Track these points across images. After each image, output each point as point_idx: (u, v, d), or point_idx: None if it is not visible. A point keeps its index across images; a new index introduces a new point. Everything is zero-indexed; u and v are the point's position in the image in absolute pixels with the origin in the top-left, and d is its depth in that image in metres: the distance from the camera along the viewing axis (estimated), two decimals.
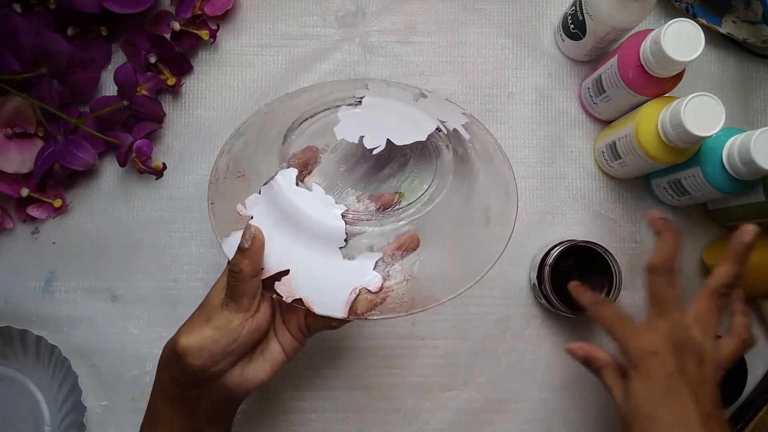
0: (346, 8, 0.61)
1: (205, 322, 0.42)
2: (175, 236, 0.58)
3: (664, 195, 0.58)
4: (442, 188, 0.46)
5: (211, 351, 0.41)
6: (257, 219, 0.44)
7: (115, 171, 0.58)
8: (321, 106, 0.49)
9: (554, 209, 0.59)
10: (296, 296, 0.43)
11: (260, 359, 0.44)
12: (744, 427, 0.56)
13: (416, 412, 0.57)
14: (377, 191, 0.47)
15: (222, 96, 0.60)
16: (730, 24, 0.60)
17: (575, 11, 0.55)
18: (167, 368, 0.43)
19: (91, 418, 0.55)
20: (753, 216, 0.54)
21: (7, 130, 0.55)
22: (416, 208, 0.45)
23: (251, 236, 0.41)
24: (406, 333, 0.58)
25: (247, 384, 0.43)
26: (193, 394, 0.43)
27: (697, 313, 0.44)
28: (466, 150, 0.48)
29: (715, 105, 0.47)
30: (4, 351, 0.56)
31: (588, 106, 0.59)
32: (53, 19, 0.56)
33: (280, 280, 0.43)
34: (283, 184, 0.44)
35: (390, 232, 0.44)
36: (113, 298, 0.57)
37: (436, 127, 0.47)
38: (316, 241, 0.43)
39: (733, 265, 0.45)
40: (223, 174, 0.48)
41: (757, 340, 0.46)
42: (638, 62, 0.50)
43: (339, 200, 0.45)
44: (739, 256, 0.45)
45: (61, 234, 0.58)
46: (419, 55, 0.61)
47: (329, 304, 0.43)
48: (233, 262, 0.41)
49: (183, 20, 0.57)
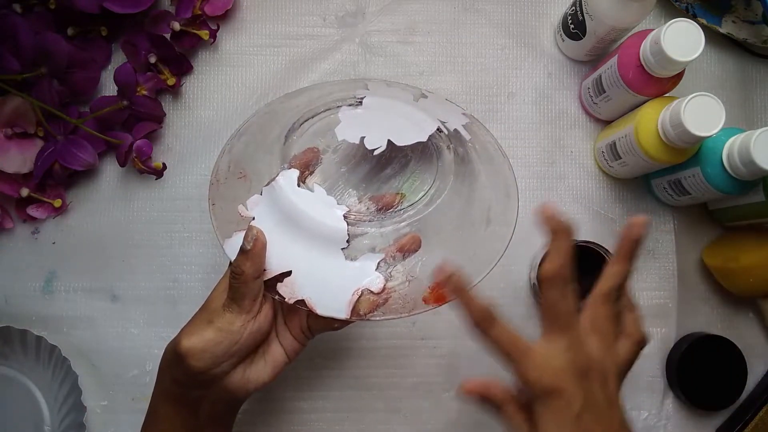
0: (346, 8, 0.61)
1: (207, 324, 0.41)
2: (175, 236, 0.58)
3: (664, 195, 0.58)
4: (443, 189, 0.46)
5: (212, 353, 0.41)
6: (259, 220, 0.44)
7: (115, 171, 0.58)
8: (321, 107, 0.49)
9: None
10: (298, 297, 0.43)
11: (262, 361, 0.44)
12: (744, 427, 0.56)
13: (416, 412, 0.57)
14: (378, 192, 0.47)
15: (222, 96, 0.60)
16: (730, 24, 0.60)
17: (575, 11, 0.55)
18: (169, 369, 0.43)
19: (91, 418, 0.55)
20: (753, 216, 0.54)
21: (7, 130, 0.55)
22: (417, 209, 0.45)
23: (253, 238, 0.41)
24: (406, 333, 0.58)
25: (249, 385, 0.43)
26: (194, 395, 0.43)
27: (592, 322, 0.40)
28: (466, 150, 0.48)
29: (715, 105, 0.47)
30: (4, 351, 0.56)
31: (588, 106, 0.59)
32: (53, 19, 0.56)
33: (282, 282, 0.43)
34: (284, 186, 0.44)
35: (391, 233, 0.44)
36: (113, 298, 0.57)
37: (437, 128, 0.47)
38: (318, 242, 0.43)
39: (624, 264, 0.40)
40: (224, 175, 0.48)
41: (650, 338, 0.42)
42: (638, 62, 0.50)
43: (340, 201, 0.45)
44: (630, 254, 0.40)
45: (61, 234, 0.58)
46: (419, 55, 0.61)
47: (332, 305, 0.43)
48: (235, 264, 0.41)
49: (183, 20, 0.57)
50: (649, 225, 0.40)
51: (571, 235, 0.39)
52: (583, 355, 0.38)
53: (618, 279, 0.40)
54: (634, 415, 0.58)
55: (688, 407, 0.58)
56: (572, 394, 0.37)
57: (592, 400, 0.37)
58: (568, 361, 0.38)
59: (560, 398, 0.37)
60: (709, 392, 0.56)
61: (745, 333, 0.59)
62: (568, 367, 0.37)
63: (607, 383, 0.38)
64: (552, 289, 0.39)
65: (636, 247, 0.40)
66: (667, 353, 0.58)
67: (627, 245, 0.40)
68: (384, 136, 0.46)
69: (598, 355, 0.39)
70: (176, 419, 0.44)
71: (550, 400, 0.37)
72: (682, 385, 0.56)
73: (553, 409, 0.37)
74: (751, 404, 0.56)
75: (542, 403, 0.37)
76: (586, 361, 0.38)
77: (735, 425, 0.56)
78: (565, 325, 0.38)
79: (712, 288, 0.60)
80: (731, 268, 0.56)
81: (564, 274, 0.39)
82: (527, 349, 0.38)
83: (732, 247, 0.57)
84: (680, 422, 0.58)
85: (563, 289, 0.39)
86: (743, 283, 0.56)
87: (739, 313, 0.59)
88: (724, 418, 0.58)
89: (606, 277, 0.40)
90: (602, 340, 0.39)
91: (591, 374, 0.38)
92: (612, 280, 0.40)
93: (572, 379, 0.37)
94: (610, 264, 0.41)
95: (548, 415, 0.37)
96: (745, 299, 0.59)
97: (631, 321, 0.42)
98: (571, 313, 0.39)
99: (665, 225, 0.59)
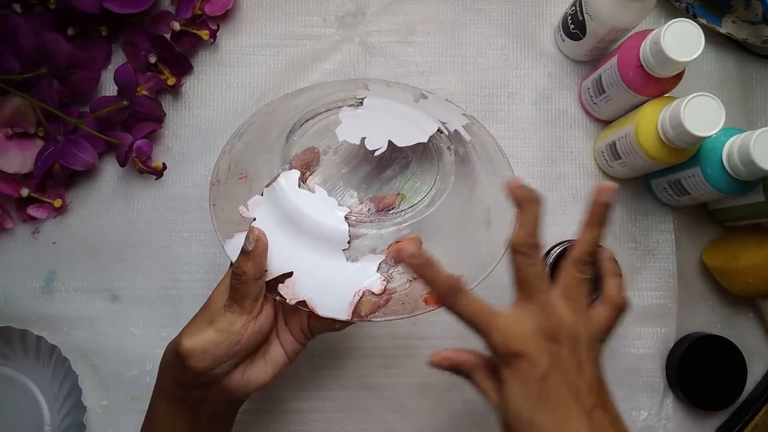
0: (346, 8, 0.61)
1: (208, 324, 0.41)
2: (175, 236, 0.58)
3: (664, 195, 0.58)
4: (443, 190, 0.46)
5: (213, 353, 0.41)
6: (260, 221, 0.44)
7: (115, 171, 0.58)
8: (322, 107, 0.49)
9: (554, 209, 0.59)
10: (300, 298, 0.43)
11: (262, 361, 0.44)
12: (744, 427, 0.56)
13: (416, 412, 0.57)
14: (379, 192, 0.47)
15: (222, 96, 0.60)
16: (730, 24, 0.60)
17: (575, 11, 0.55)
18: (169, 370, 0.43)
19: (91, 418, 0.55)
20: (753, 216, 0.54)
21: (7, 130, 0.55)
22: (418, 210, 0.45)
23: (254, 239, 0.41)
24: (406, 333, 0.58)
25: (249, 386, 0.43)
26: (194, 395, 0.43)
27: (564, 288, 0.40)
28: (467, 151, 0.48)
29: (714, 105, 0.47)
30: (4, 351, 0.56)
31: (588, 106, 0.59)
32: (53, 19, 0.56)
33: (283, 282, 0.43)
34: (285, 187, 0.44)
35: (392, 234, 0.44)
36: (113, 298, 0.57)
37: (438, 129, 0.47)
38: (319, 243, 0.43)
39: (594, 230, 0.41)
40: (224, 175, 0.48)
41: (631, 303, 0.42)
42: (638, 62, 0.50)
43: (341, 202, 0.45)
44: (600, 219, 0.41)
45: (61, 234, 0.58)
46: (419, 55, 0.61)
47: (333, 306, 0.43)
48: (237, 265, 0.41)
49: (183, 20, 0.57)
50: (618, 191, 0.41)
51: (539, 204, 0.40)
52: (552, 319, 0.38)
53: (589, 245, 0.41)
54: (634, 415, 0.58)
55: (688, 407, 0.58)
56: (537, 356, 0.37)
57: (560, 363, 0.37)
58: (534, 325, 0.38)
59: (525, 361, 0.37)
60: (708, 392, 0.56)
61: (744, 333, 0.59)
62: (534, 331, 0.38)
63: (578, 347, 0.38)
64: (522, 255, 0.39)
65: (605, 212, 0.41)
66: (667, 353, 0.58)
67: (596, 211, 0.41)
68: (384, 137, 0.46)
69: (569, 319, 0.39)
70: (176, 419, 0.44)
71: (515, 363, 0.37)
72: (682, 385, 0.56)
73: (518, 371, 0.37)
74: (751, 404, 0.56)
75: (508, 366, 0.38)
76: (555, 325, 0.38)
77: (735, 425, 0.56)
78: (534, 290, 0.39)
79: (712, 288, 0.60)
80: (731, 268, 0.56)
81: (532, 242, 0.39)
82: (494, 315, 0.38)
83: (732, 247, 0.57)
84: (680, 422, 0.58)
85: (532, 255, 0.39)
86: (743, 283, 0.56)
87: (739, 313, 0.59)
88: (723, 418, 0.58)
89: (577, 243, 0.41)
90: (573, 305, 0.39)
91: (559, 338, 0.38)
92: (583, 247, 0.41)
93: (538, 342, 0.38)
94: (581, 231, 0.41)
95: (513, 378, 0.38)
96: (745, 299, 0.59)
97: (613, 286, 0.42)
98: (540, 279, 0.39)
99: (665, 225, 0.60)
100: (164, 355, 0.44)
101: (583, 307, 0.40)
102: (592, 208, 0.41)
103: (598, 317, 0.40)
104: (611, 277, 0.42)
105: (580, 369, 0.38)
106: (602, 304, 0.41)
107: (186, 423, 0.44)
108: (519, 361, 0.37)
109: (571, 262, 0.41)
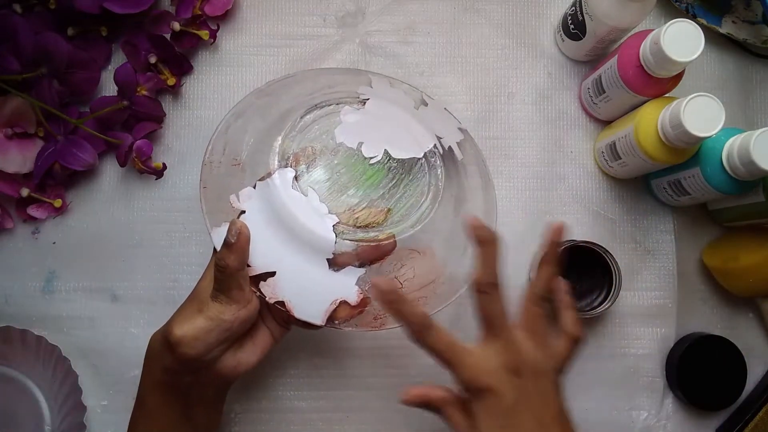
0: (346, 8, 0.61)
1: (198, 313, 0.42)
2: (175, 236, 0.58)
3: (664, 195, 0.58)
4: (430, 210, 0.47)
5: (205, 340, 0.42)
6: (249, 215, 0.45)
7: (115, 171, 0.58)
8: (323, 103, 0.49)
9: (554, 209, 0.59)
10: (278, 298, 0.44)
11: (250, 343, 0.45)
12: (743, 427, 0.56)
13: (416, 412, 0.57)
14: (370, 205, 0.47)
15: (222, 96, 0.60)
16: (730, 24, 0.60)
17: (575, 11, 0.55)
18: (158, 359, 0.44)
19: (91, 418, 0.55)
20: (753, 216, 0.54)
21: (7, 130, 0.55)
22: (403, 227, 0.46)
23: (237, 231, 0.42)
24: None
25: (239, 368, 0.45)
26: (185, 381, 0.44)
27: (525, 324, 0.42)
28: (457, 171, 0.49)
29: (714, 105, 0.47)
30: (4, 351, 0.56)
31: (588, 107, 0.59)
32: (53, 19, 0.56)
33: (265, 281, 0.44)
34: (279, 185, 0.45)
35: (374, 249, 0.45)
36: (113, 298, 0.57)
37: (434, 145, 0.48)
38: (304, 248, 0.44)
39: (549, 267, 0.44)
40: (218, 156, 0.48)
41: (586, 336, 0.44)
42: (638, 62, 0.50)
43: (332, 206, 0.46)
44: (554, 257, 0.44)
45: (61, 234, 0.57)
46: (419, 56, 0.61)
47: (309, 310, 0.44)
48: (219, 257, 0.42)
49: (183, 20, 0.57)
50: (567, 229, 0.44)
51: (497, 244, 0.41)
52: (515, 354, 0.40)
53: (545, 282, 0.43)
54: (634, 415, 0.58)
55: (687, 407, 0.58)
56: (504, 391, 0.39)
57: (525, 395, 0.39)
58: (500, 362, 0.40)
59: (493, 395, 0.39)
60: (708, 392, 0.56)
61: (744, 333, 0.59)
62: (500, 367, 0.40)
63: (540, 379, 0.41)
64: (482, 295, 0.41)
65: (557, 249, 0.44)
66: (667, 353, 0.58)
67: (550, 250, 0.44)
68: (381, 146, 0.47)
69: (531, 353, 0.41)
70: (166, 407, 0.44)
71: (484, 398, 0.39)
72: (681, 385, 0.56)
73: (487, 405, 0.39)
74: (751, 404, 0.56)
75: (478, 401, 0.40)
76: (518, 360, 0.40)
77: (734, 425, 0.56)
78: (498, 328, 0.41)
79: (712, 288, 0.60)
80: (731, 268, 0.56)
81: (491, 281, 0.41)
82: (463, 352, 0.40)
83: (732, 247, 0.57)
84: (680, 422, 0.58)
85: (493, 294, 0.41)
86: (743, 283, 0.56)
87: (738, 313, 0.59)
88: (723, 418, 0.58)
89: (534, 281, 0.44)
90: (535, 339, 0.42)
91: (523, 372, 0.40)
92: (539, 284, 0.43)
93: (504, 377, 0.40)
94: (537, 269, 0.44)
95: (482, 411, 0.40)
96: (744, 299, 0.59)
97: (569, 319, 0.44)
98: (502, 317, 0.41)
99: (665, 225, 0.60)
100: (150, 346, 0.45)
101: (544, 341, 0.42)
102: (546, 248, 0.44)
103: (557, 349, 0.43)
104: (567, 310, 0.45)
105: (544, 400, 0.40)
106: (561, 338, 0.43)
107: (176, 410, 0.44)
108: (487, 396, 0.39)
109: (530, 298, 0.43)
